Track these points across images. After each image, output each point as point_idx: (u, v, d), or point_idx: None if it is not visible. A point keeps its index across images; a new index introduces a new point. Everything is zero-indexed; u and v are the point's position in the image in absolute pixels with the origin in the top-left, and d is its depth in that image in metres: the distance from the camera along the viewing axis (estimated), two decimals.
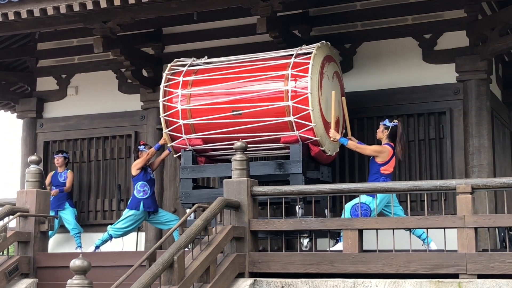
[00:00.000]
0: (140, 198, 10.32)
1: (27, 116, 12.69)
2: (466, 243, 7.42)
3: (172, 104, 9.74)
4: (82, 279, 5.96)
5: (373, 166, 8.99)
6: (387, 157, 8.90)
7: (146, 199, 10.33)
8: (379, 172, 8.89)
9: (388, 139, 9.05)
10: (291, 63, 9.29)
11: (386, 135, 9.07)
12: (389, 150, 8.95)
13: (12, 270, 8.83)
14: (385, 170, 8.90)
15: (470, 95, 10.05)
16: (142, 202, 10.30)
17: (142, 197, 10.32)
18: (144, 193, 10.35)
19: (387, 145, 9.00)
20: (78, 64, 12.52)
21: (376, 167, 8.94)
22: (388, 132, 9.06)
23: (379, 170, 8.90)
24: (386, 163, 8.90)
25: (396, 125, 9.07)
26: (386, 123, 9.14)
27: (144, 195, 10.33)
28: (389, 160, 8.92)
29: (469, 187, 7.53)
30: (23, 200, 9.35)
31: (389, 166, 8.93)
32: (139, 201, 10.31)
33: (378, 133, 9.21)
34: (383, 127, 9.14)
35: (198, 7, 9.91)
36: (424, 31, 10.48)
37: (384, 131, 9.10)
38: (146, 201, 10.33)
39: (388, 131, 9.06)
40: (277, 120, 9.22)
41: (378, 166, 8.92)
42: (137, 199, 10.32)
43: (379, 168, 8.90)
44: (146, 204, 10.32)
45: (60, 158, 11.66)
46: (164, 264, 6.72)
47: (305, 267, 7.92)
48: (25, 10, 9.57)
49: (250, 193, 8.24)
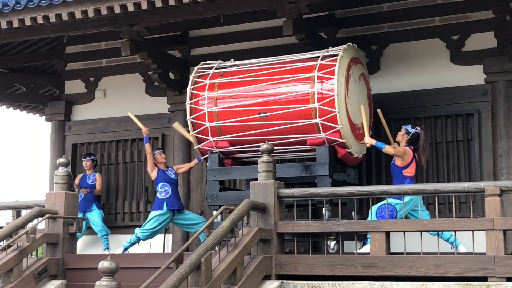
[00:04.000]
0: (162, 198, 10.38)
1: (56, 119, 12.81)
2: (494, 245, 7.35)
3: (198, 106, 9.78)
4: (110, 280, 6.00)
5: (395, 169, 8.94)
6: (408, 160, 8.86)
7: (168, 198, 10.39)
8: (402, 174, 8.85)
9: (407, 144, 9.01)
10: (318, 65, 9.28)
11: (405, 139, 9.02)
12: (410, 153, 8.91)
13: (41, 272, 8.92)
14: (407, 172, 8.86)
15: (498, 97, 9.97)
16: (165, 201, 10.36)
17: (164, 197, 10.38)
18: (166, 192, 10.41)
19: (407, 147, 8.95)
20: (105, 67, 12.62)
21: (398, 170, 8.89)
22: (408, 138, 9.01)
23: (401, 172, 8.86)
24: (407, 165, 8.85)
25: (418, 132, 9.01)
26: (408, 128, 9.07)
27: (166, 195, 10.40)
28: (410, 163, 8.87)
29: (498, 189, 7.47)
30: (52, 202, 9.45)
31: (411, 169, 8.88)
32: (162, 201, 10.37)
33: (398, 136, 9.16)
34: (404, 131, 9.09)
35: (225, 10, 9.94)
36: (451, 32, 10.41)
37: (404, 136, 9.05)
38: (168, 200, 10.38)
39: (408, 137, 9.01)
40: (304, 122, 9.21)
41: (400, 169, 8.87)
42: (160, 200, 10.39)
43: (401, 170, 8.86)
44: (169, 203, 10.37)
45: (88, 162, 11.74)
46: (191, 266, 6.74)
47: (332, 270, 7.90)
48: (54, 14, 9.66)
49: (276, 195, 8.24)
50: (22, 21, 9.86)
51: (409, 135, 9.04)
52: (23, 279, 8.65)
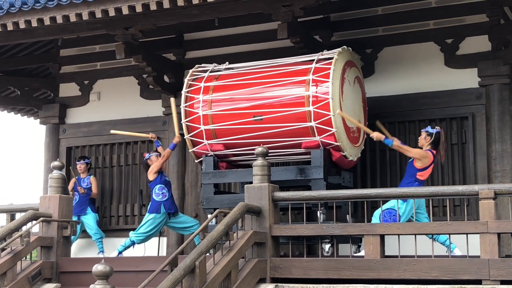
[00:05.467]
0: (160, 201, 10.35)
1: (50, 122, 12.80)
2: (489, 249, 7.36)
3: (193, 109, 9.78)
4: (105, 284, 5.99)
5: (410, 170, 8.88)
6: (428, 163, 8.80)
7: (166, 201, 10.37)
8: (415, 176, 8.78)
9: (431, 145, 8.92)
10: (312, 68, 9.29)
11: (429, 142, 8.92)
12: (430, 157, 8.84)
13: (35, 275, 8.90)
14: (421, 175, 8.80)
15: (492, 100, 9.98)
16: (163, 204, 10.34)
17: (162, 199, 10.36)
18: (163, 195, 10.39)
19: (429, 151, 8.91)
20: (100, 70, 12.61)
21: (413, 171, 8.83)
22: (432, 139, 8.91)
23: (415, 174, 8.79)
24: (424, 168, 8.80)
25: (439, 131, 8.95)
26: (428, 129, 9.00)
27: (163, 198, 10.38)
28: (428, 166, 8.81)
29: (492, 193, 7.48)
30: (46, 205, 9.43)
31: (426, 172, 8.83)
32: (159, 204, 10.35)
33: (420, 140, 9.03)
34: (425, 133, 8.99)
35: (219, 13, 9.94)
36: (446, 35, 10.43)
37: (427, 138, 8.95)
38: (166, 203, 10.37)
39: (432, 138, 8.92)
40: (298, 125, 9.21)
41: (415, 171, 8.81)
42: (157, 202, 10.36)
43: (416, 172, 8.79)
44: (166, 206, 10.36)
45: (83, 165, 11.73)
46: (186, 269, 6.73)
47: (327, 273, 7.90)
48: (48, 17, 9.66)
49: (271, 198, 8.24)
50: (17, 24, 9.85)
51: (432, 136, 8.97)
52: (17, 283, 8.63)
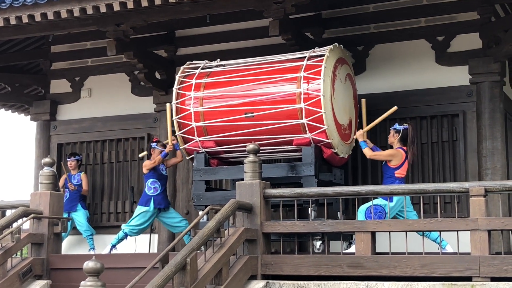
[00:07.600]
0: (150, 195, 10.34)
1: (41, 119, 12.76)
2: (479, 245, 7.39)
3: (185, 106, 9.77)
4: (95, 281, 5.98)
5: (387, 171, 8.97)
6: (400, 161, 8.90)
7: (156, 196, 10.35)
8: (394, 175, 8.87)
9: (400, 143, 9.06)
10: (304, 65, 9.29)
11: (397, 139, 9.07)
12: (402, 154, 8.95)
13: (25, 272, 8.87)
14: (399, 173, 8.90)
15: (483, 97, 10.01)
16: (153, 199, 10.33)
17: (153, 194, 10.35)
18: (155, 190, 10.38)
19: (400, 149, 9.00)
20: (91, 66, 12.58)
21: (390, 171, 8.92)
22: (399, 136, 9.05)
23: (393, 173, 8.89)
24: (399, 166, 8.90)
25: (406, 128, 9.06)
26: (396, 127, 9.14)
27: (154, 192, 10.36)
28: (402, 164, 8.91)
29: (482, 190, 7.50)
30: (37, 202, 9.39)
31: (402, 170, 8.92)
32: (149, 198, 10.34)
33: (390, 138, 9.21)
34: (393, 131, 9.15)
35: (211, 10, 9.93)
36: (437, 33, 10.46)
37: (395, 135, 9.10)
38: (156, 198, 10.35)
39: (399, 135, 9.06)
40: (290, 122, 9.21)
41: (392, 170, 8.91)
42: (147, 196, 10.36)
43: (394, 171, 8.89)
44: (156, 201, 10.34)
45: (73, 162, 11.69)
46: (177, 266, 6.73)
47: (318, 270, 7.91)
48: (39, 13, 9.62)
49: (262, 195, 8.24)
50: (7, 20, 9.81)
51: (399, 133, 9.06)
52: (8, 279, 8.59)
